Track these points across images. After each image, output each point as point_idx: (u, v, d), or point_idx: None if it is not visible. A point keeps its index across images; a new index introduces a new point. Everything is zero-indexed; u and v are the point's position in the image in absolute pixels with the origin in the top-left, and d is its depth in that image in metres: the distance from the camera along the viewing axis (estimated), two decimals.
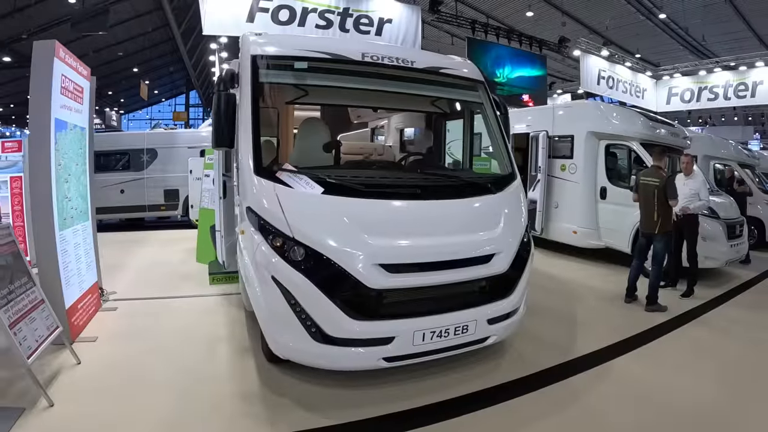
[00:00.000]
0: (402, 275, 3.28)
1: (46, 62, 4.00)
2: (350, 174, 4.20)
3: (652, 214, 5.92)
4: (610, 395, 3.68)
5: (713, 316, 5.82)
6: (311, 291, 3.14)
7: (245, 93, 3.78)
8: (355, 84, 4.28)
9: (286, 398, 3.48)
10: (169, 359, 4.12)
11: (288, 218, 3.26)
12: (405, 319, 3.29)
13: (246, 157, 3.59)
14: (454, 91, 4.76)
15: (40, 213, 4.08)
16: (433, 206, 3.73)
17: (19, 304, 3.43)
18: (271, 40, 4.29)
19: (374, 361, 3.27)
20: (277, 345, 3.41)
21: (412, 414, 3.32)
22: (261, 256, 3.31)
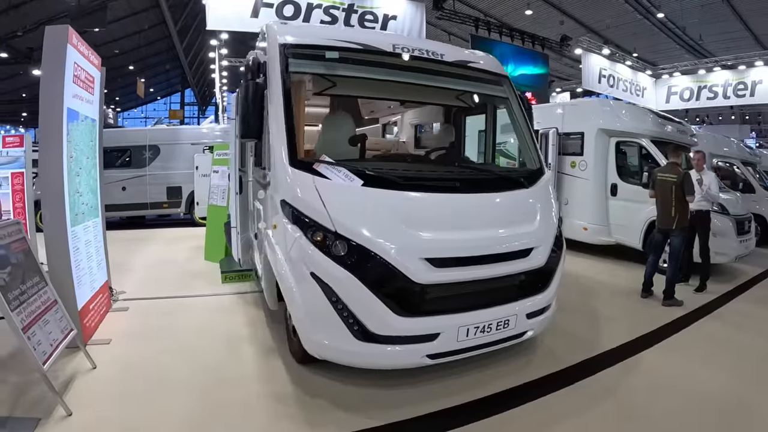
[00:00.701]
0: (448, 269, 3.14)
1: (58, 48, 3.69)
2: (386, 166, 4.00)
3: (669, 210, 5.85)
4: (640, 389, 3.63)
5: (726, 310, 5.80)
6: (355, 287, 2.97)
7: (275, 83, 3.59)
8: (386, 76, 4.11)
9: (322, 399, 3.28)
10: (189, 360, 3.86)
11: (330, 211, 3.08)
12: (450, 315, 3.16)
13: (280, 148, 3.38)
14: (481, 85, 4.61)
15: (51, 208, 3.78)
16: (472, 199, 3.61)
17: (32, 305, 3.13)
18: (297, 30, 4.14)
19: (418, 358, 3.13)
20: (314, 344, 3.20)
21: (453, 412, 3.18)
22: (299, 251, 3.11)
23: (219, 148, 7.82)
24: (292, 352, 3.79)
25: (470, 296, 3.29)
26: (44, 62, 3.68)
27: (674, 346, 4.53)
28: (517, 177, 4.11)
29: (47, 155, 3.73)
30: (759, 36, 18.92)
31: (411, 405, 3.22)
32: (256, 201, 4.83)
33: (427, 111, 6.35)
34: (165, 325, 4.63)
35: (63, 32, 3.72)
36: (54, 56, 3.69)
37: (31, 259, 3.42)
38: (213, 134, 11.89)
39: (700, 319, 5.37)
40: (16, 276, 3.12)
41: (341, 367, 3.40)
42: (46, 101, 3.69)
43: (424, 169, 4.26)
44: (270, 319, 4.81)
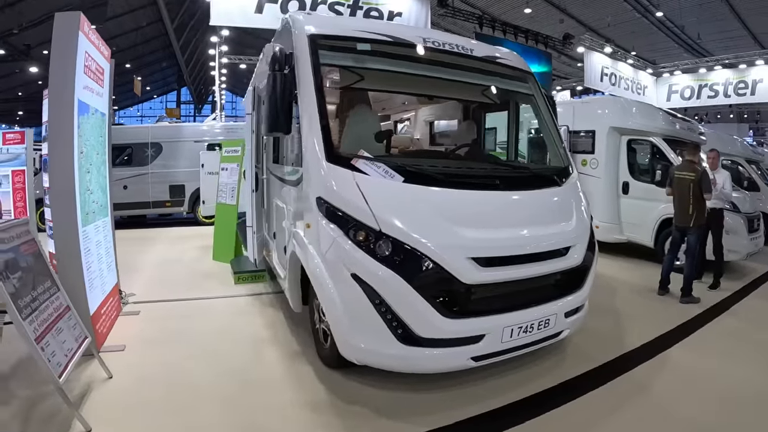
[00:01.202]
0: (493, 269, 3.00)
1: (69, 36, 3.38)
2: (423, 163, 3.77)
3: (687, 208, 5.79)
4: (673, 385, 3.59)
5: (742, 307, 5.79)
6: (401, 288, 2.78)
7: (305, 74, 3.38)
8: (416, 70, 3.96)
9: (358, 406, 3.07)
10: (212, 366, 3.60)
11: (373, 209, 2.89)
12: (495, 316, 3.03)
13: (315, 143, 3.17)
14: (509, 81, 4.44)
15: (61, 207, 3.48)
16: (512, 197, 3.49)
17: (44, 313, 2.83)
18: (324, 21, 3.94)
19: (463, 360, 2.98)
20: (352, 349, 2.99)
21: (495, 414, 3.05)
22: (338, 251, 2.91)
23: (228, 144, 7.51)
24: (322, 356, 3.58)
25: (513, 296, 3.17)
26: (54, 51, 3.37)
27: (699, 343, 4.51)
28: (550, 174, 3.96)
29: (57, 150, 3.43)
30: (757, 35, 18.83)
31: (452, 408, 3.05)
32: (275, 199, 4.56)
33: (443, 107, 6.16)
34: (181, 328, 4.34)
35: (75, 19, 3.41)
36: (65, 44, 3.38)
37: (42, 262, 3.12)
38: (217, 131, 11.55)
39: (719, 316, 5.33)
40: (27, 281, 2.82)
41: (373, 371, 3.20)
42: (56, 92, 3.40)
43: (460, 166, 4.09)
44: (291, 321, 4.55)
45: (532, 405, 3.18)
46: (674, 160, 7.47)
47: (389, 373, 3.18)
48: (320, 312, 3.51)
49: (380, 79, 4.19)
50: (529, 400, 3.23)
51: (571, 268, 3.43)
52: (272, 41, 4.96)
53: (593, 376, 3.64)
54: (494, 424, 2.94)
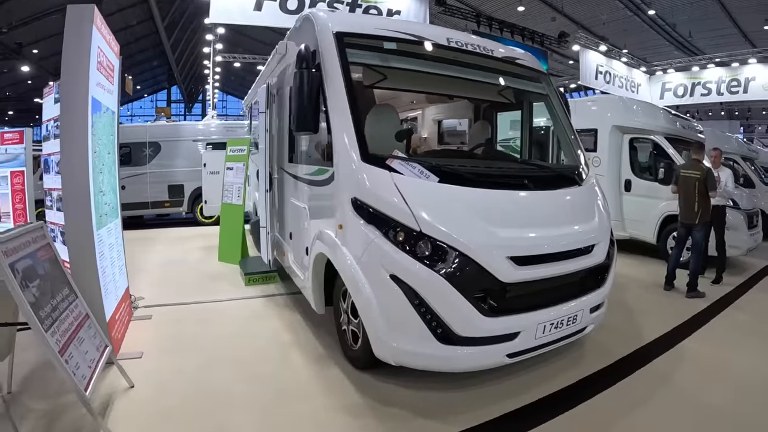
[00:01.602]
0: (529, 267, 2.99)
1: (82, 30, 3.18)
2: (455, 162, 3.75)
3: (692, 206, 5.87)
4: (692, 375, 3.67)
5: (745, 301, 5.88)
6: (443, 288, 2.75)
7: (334, 73, 3.29)
8: (440, 70, 3.92)
9: (396, 407, 3.00)
10: (236, 373, 3.43)
11: (413, 210, 2.84)
12: (530, 313, 3.03)
13: (348, 143, 3.10)
14: (527, 82, 4.45)
15: (76, 210, 3.27)
16: (541, 196, 3.50)
17: (64, 322, 2.64)
18: (347, 18, 3.81)
19: (500, 358, 3.00)
20: (389, 349, 2.93)
21: (530, 409, 3.05)
22: (376, 252, 2.86)
23: (233, 144, 7.28)
24: (350, 358, 3.51)
25: (545, 293, 3.16)
26: (67, 46, 3.15)
27: (710, 335, 4.58)
28: (571, 173, 3.94)
29: (71, 150, 3.22)
30: (747, 33, 18.95)
31: (485, 406, 3.04)
32: (292, 199, 4.39)
33: (453, 107, 6.07)
34: (197, 333, 4.15)
35: (88, 12, 3.20)
36: (78, 39, 3.17)
37: (59, 269, 2.92)
38: (217, 130, 11.27)
39: (725, 310, 5.41)
40: (45, 290, 2.62)
41: (403, 372, 3.15)
42: (69, 89, 3.19)
43: (490, 166, 4.07)
44: (310, 323, 4.41)
45: (562, 399, 3.19)
46: (676, 158, 7.49)
47: (420, 373, 3.12)
48: (348, 313, 3.43)
49: (405, 78, 4.11)
50: (558, 395, 3.24)
51: (596, 265, 3.44)
52: (286, 38, 4.81)
53: (616, 370, 3.68)
54: (528, 420, 2.92)
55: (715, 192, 5.84)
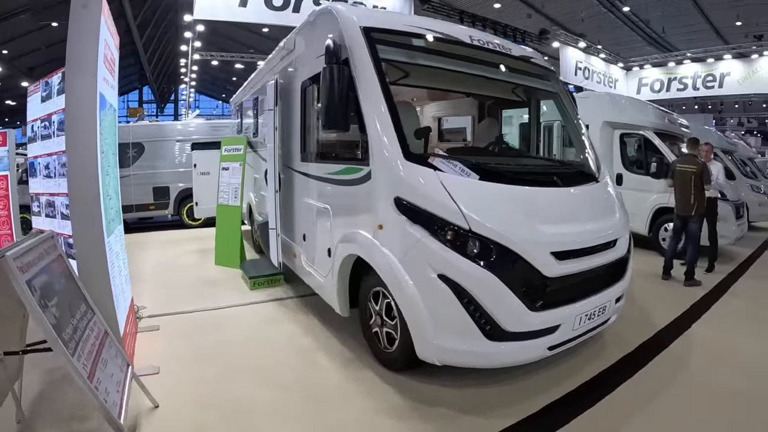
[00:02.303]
0: (568, 262, 3.01)
1: (91, 21, 2.83)
2: (491, 161, 3.73)
3: (689, 198, 5.99)
4: (706, 359, 3.77)
5: (739, 287, 6.07)
6: (494, 285, 2.72)
7: (367, 69, 3.17)
8: (463, 68, 3.84)
9: (440, 407, 2.92)
10: (263, 382, 3.20)
11: (462, 208, 2.76)
12: (569, 305, 3.04)
13: (388, 141, 3.00)
14: (541, 81, 4.45)
15: (85, 217, 2.93)
16: (571, 192, 3.52)
17: (87, 344, 2.34)
18: (370, 12, 3.70)
19: (541, 351, 2.99)
20: (435, 349, 2.85)
21: (567, 400, 3.07)
22: (423, 252, 2.78)
23: (228, 143, 6.91)
24: (384, 360, 3.39)
25: (580, 286, 3.17)
26: (73, 37, 2.81)
27: (713, 321, 4.73)
28: (590, 170, 3.96)
29: (80, 151, 2.88)
30: (719, 29, 19.35)
31: (524, 400, 3.03)
32: (308, 199, 4.14)
33: (452, 104, 5.96)
34: (212, 343, 3.86)
35: (97, 2, 2.85)
36: (87, 31, 2.83)
37: (73, 283, 2.61)
38: (203, 130, 10.77)
39: (722, 297, 5.58)
40: (64, 308, 2.31)
41: (439, 371, 3.10)
42: (77, 82, 2.83)
43: (524, 163, 4.11)
44: (329, 326, 4.20)
45: (593, 389, 3.23)
46: (665, 152, 7.58)
47: (454, 372, 3.10)
48: (382, 315, 3.29)
49: (428, 75, 4.02)
50: (589, 385, 3.28)
51: (620, 258, 3.48)
52: (294, 34, 4.54)
53: (635, 358, 3.76)
54: (567, 411, 2.92)
55: (709, 185, 5.99)
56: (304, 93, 4.23)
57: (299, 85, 4.30)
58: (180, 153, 10.26)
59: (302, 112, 4.27)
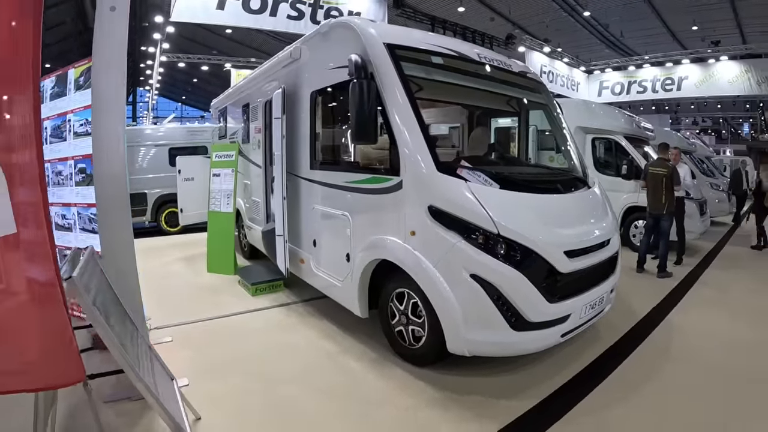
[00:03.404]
0: (577, 259, 3.34)
1: (120, 20, 2.79)
2: (505, 170, 4.03)
3: (660, 198, 6.50)
4: (687, 341, 4.24)
5: (707, 277, 6.67)
6: (520, 282, 3.02)
7: (394, 84, 3.34)
8: (472, 83, 4.13)
9: (476, 395, 3.19)
10: (304, 388, 3.26)
11: (492, 214, 3.02)
12: (577, 297, 3.37)
13: (420, 153, 3.22)
14: (534, 94, 4.76)
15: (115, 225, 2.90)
16: (573, 197, 3.88)
17: (143, 361, 2.31)
18: (388, 28, 3.92)
19: (556, 338, 3.29)
20: (466, 342, 3.11)
21: (576, 381, 3.43)
22: (457, 255, 3.03)
23: (219, 149, 6.80)
24: (410, 357, 3.58)
25: (584, 280, 3.49)
26: (100, 37, 2.75)
27: (688, 307, 5.24)
28: (583, 176, 4.30)
29: (107, 155, 2.80)
30: (676, 32, 20.32)
31: (545, 381, 3.39)
32: (320, 206, 4.20)
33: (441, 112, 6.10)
34: (233, 353, 3.84)
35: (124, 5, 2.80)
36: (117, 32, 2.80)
37: (115, 297, 2.55)
38: (181, 134, 10.47)
39: (693, 286, 6.16)
40: (120, 326, 2.28)
41: (459, 363, 3.42)
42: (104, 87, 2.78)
43: (530, 172, 4.53)
44: (344, 328, 4.29)
45: (598, 369, 3.64)
46: (634, 155, 8.08)
47: (473, 363, 3.38)
48: (408, 314, 3.47)
49: (440, 90, 4.23)
50: (593, 366, 3.67)
51: (613, 255, 3.86)
52: (300, 43, 4.56)
53: (628, 341, 4.20)
54: (581, 388, 3.31)
55: (679, 186, 6.56)
56: (315, 103, 4.27)
57: (308, 95, 4.33)
58: (157, 158, 9.94)
59: (312, 121, 4.31)
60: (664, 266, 6.58)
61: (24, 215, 1.67)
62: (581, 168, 4.43)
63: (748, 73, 16.70)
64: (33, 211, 1.64)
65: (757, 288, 6.19)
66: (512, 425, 2.84)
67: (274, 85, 5.13)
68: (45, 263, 1.70)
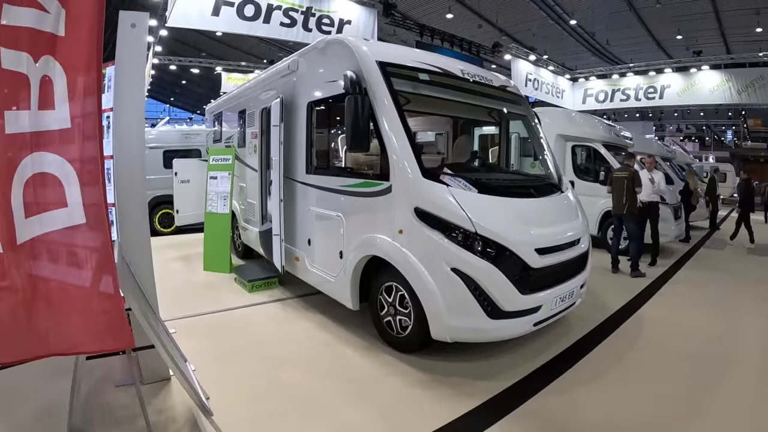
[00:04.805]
0: (547, 256, 3.74)
1: (139, 38, 3.15)
2: (482, 176, 4.48)
3: (621, 199, 7.08)
4: (656, 332, 4.71)
5: (680, 276, 7.26)
6: (495, 275, 3.42)
7: (386, 100, 3.76)
8: (455, 97, 4.60)
9: (457, 376, 3.59)
10: (307, 372, 3.64)
11: (470, 216, 3.44)
12: (548, 290, 3.76)
13: (407, 162, 3.62)
14: (513, 105, 5.25)
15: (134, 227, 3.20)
16: (546, 201, 4.28)
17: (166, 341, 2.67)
18: (378, 46, 4.32)
19: (528, 326, 3.68)
20: (447, 329, 3.50)
21: (548, 367, 3.84)
22: (439, 250, 3.44)
23: (214, 153, 7.15)
24: (396, 344, 3.97)
25: (554, 275, 3.88)
26: (122, 54, 3.10)
27: (659, 303, 5.75)
28: (556, 182, 4.75)
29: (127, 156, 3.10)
30: (660, 41, 21.09)
31: (520, 365, 3.82)
32: (315, 208, 4.61)
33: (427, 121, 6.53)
34: (237, 341, 4.21)
35: (143, 19, 3.16)
36: (137, 46, 3.15)
37: (138, 286, 2.91)
38: (175, 137, 10.75)
39: (665, 284, 6.69)
40: (143, 307, 2.63)
41: (441, 350, 3.84)
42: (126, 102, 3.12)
43: (508, 178, 4.97)
44: (336, 320, 4.71)
45: (570, 355, 4.07)
46: (612, 162, 8.57)
47: (455, 349, 3.83)
48: (396, 305, 3.87)
49: (426, 103, 4.70)
50: (565, 354, 4.10)
51: (582, 253, 4.29)
52: (298, 56, 4.95)
53: (598, 332, 4.65)
54: (554, 372, 3.73)
55: (640, 189, 7.01)
56: (311, 112, 4.66)
57: (305, 105, 4.73)
58: (151, 160, 10.19)
59: (308, 129, 4.70)
60: (636, 266, 7.08)
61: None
62: (556, 174, 4.87)
63: (729, 82, 17.41)
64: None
65: (728, 286, 6.70)
66: (489, 402, 3.24)
67: (271, 94, 5.51)
68: (102, 232, 1.97)
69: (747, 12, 16.61)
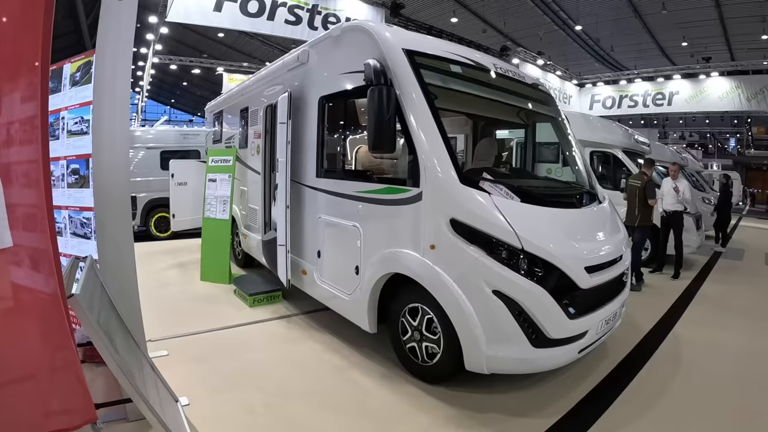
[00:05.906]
0: (596, 274, 3.25)
1: (127, 26, 2.63)
2: (523, 183, 3.96)
3: (633, 210, 6.58)
4: (694, 352, 4.32)
5: (706, 291, 6.69)
6: (543, 298, 2.93)
7: (416, 92, 3.21)
8: (487, 93, 4.05)
9: (492, 412, 3.11)
10: (316, 405, 3.11)
11: (516, 229, 2.92)
12: (595, 312, 3.28)
13: (442, 164, 3.09)
14: (544, 106, 4.68)
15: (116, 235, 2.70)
16: (590, 212, 3.82)
17: (149, 385, 2.13)
18: (404, 34, 3.73)
19: (574, 354, 3.19)
20: (484, 359, 2.98)
21: (593, 396, 3.40)
22: (479, 269, 2.92)
23: (214, 153, 6.61)
24: (422, 374, 3.44)
25: (600, 295, 3.40)
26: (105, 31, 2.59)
27: (690, 321, 5.26)
28: (596, 191, 4.23)
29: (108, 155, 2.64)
30: (665, 48, 20.65)
31: (563, 396, 3.34)
32: (327, 216, 4.06)
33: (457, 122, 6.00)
34: (237, 367, 3.64)
35: (131, 6, 2.64)
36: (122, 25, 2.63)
37: (117, 314, 2.37)
38: (173, 137, 10.22)
39: (692, 300, 6.18)
40: (122, 349, 2.09)
41: (472, 380, 3.33)
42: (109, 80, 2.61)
43: (548, 185, 4.43)
44: (350, 342, 4.15)
45: (614, 381, 3.65)
46: (632, 169, 8.08)
47: (486, 380, 3.31)
48: (422, 330, 3.33)
49: (460, 99, 4.07)
50: (608, 379, 3.67)
51: (624, 270, 3.77)
52: (310, 47, 4.43)
53: (637, 355, 4.21)
54: (600, 403, 3.29)
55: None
56: (323, 108, 4.14)
57: (316, 100, 4.20)
58: (147, 161, 9.68)
59: (320, 127, 4.17)
60: (639, 279, 6.56)
61: (24, 221, 1.49)
62: (593, 182, 4.35)
63: (738, 89, 17.06)
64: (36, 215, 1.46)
65: (760, 299, 6.28)
66: None
67: (278, 89, 4.98)
68: (48, 279, 1.51)
69: (753, 19, 16.33)
